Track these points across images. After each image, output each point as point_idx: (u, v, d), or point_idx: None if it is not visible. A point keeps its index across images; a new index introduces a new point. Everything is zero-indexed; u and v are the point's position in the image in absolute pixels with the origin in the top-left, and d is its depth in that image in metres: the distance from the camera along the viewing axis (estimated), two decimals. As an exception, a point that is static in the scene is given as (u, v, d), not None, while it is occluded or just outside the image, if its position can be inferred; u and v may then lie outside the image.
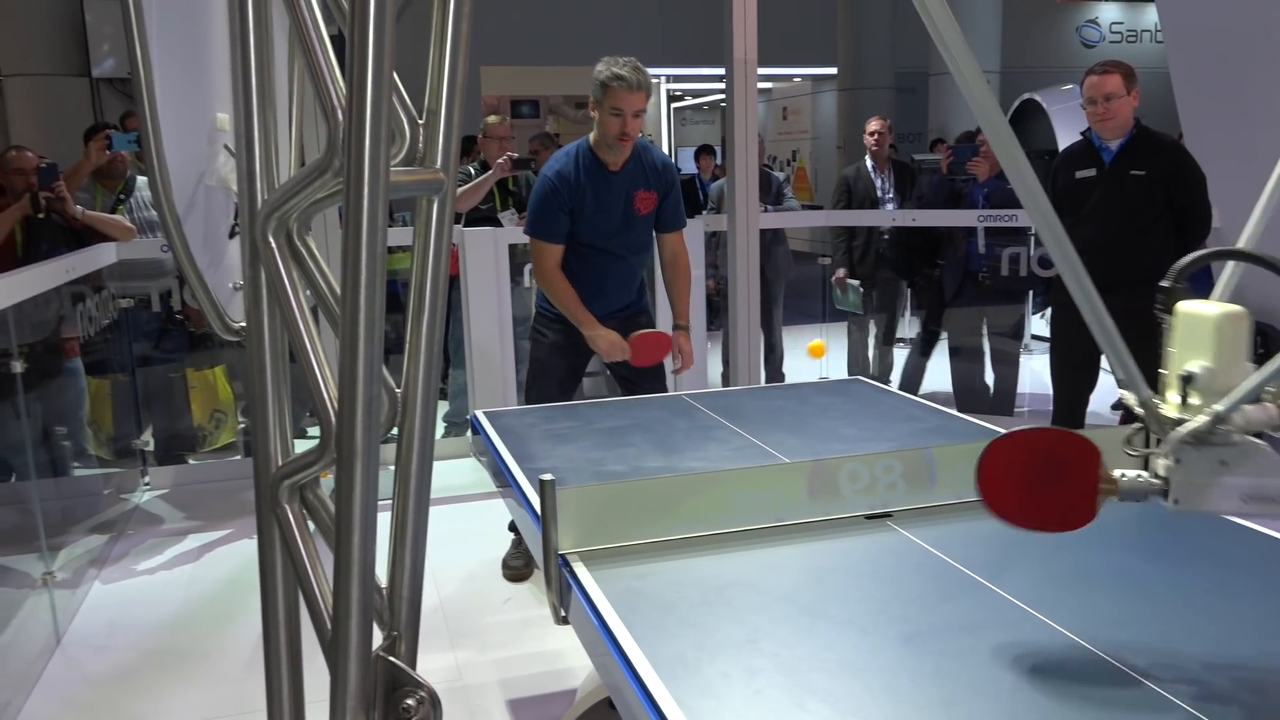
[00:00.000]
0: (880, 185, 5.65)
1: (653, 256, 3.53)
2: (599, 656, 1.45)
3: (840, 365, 5.99)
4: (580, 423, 2.57)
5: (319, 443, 1.01)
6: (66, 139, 7.40)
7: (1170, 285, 1.27)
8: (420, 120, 1.02)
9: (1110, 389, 4.22)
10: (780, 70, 15.68)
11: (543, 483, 1.62)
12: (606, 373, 3.69)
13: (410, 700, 0.95)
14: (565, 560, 1.64)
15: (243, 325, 1.14)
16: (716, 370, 5.65)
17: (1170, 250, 3.69)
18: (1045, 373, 4.12)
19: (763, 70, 4.47)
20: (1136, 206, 3.61)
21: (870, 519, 1.80)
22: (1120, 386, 1.30)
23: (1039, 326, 6.70)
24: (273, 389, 1.07)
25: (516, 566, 3.56)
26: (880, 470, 1.81)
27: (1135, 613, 1.42)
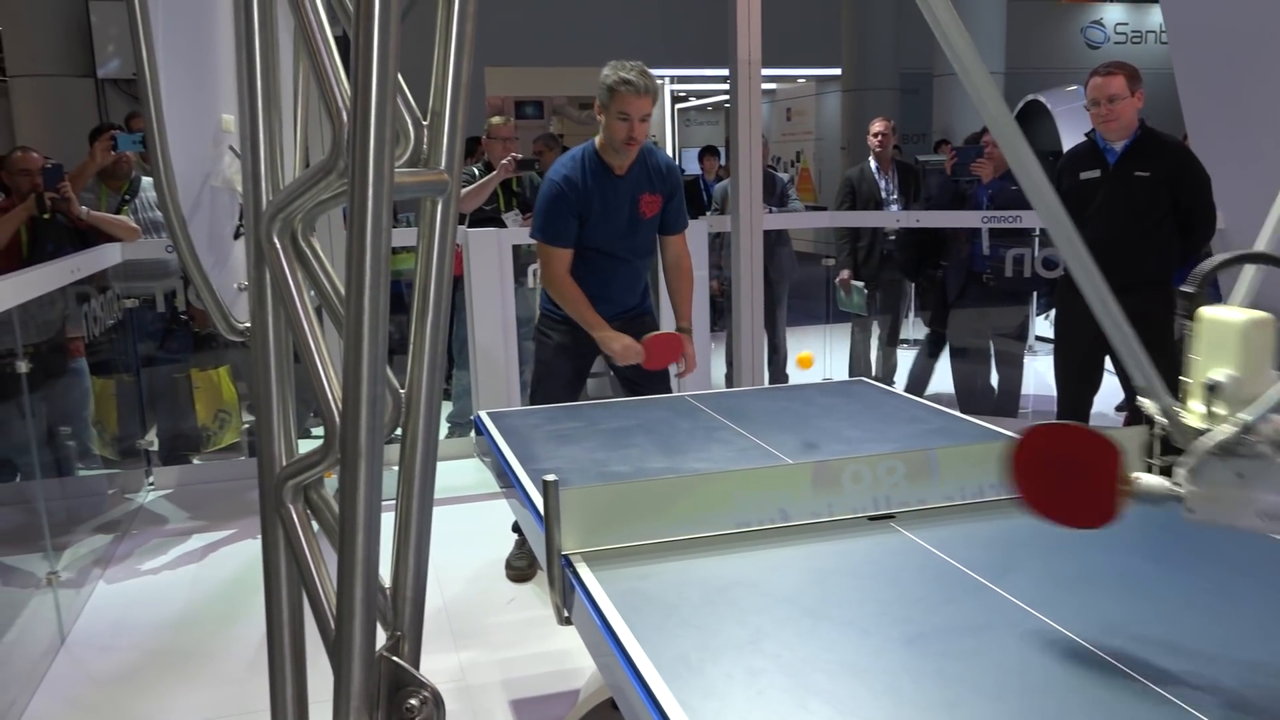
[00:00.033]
0: (884, 186, 5.65)
1: (656, 259, 3.53)
2: (602, 657, 1.45)
3: (843, 366, 5.99)
4: (584, 423, 2.57)
5: (323, 443, 1.01)
6: (72, 140, 7.43)
7: (1193, 290, 1.24)
8: (424, 121, 1.03)
9: (1114, 390, 4.22)
10: (784, 71, 15.67)
11: (546, 483, 1.62)
12: (610, 373, 3.68)
13: (414, 700, 0.95)
14: (568, 561, 1.64)
15: (247, 326, 1.15)
16: (720, 371, 5.65)
17: (1175, 252, 3.68)
18: (1049, 374, 4.11)
19: (767, 71, 4.46)
20: (1141, 208, 3.61)
21: (873, 520, 1.80)
22: (1139, 394, 1.26)
23: (1043, 328, 6.69)
24: (277, 389, 1.07)
25: (520, 567, 3.56)
26: (883, 471, 1.81)
27: (1138, 614, 1.42)
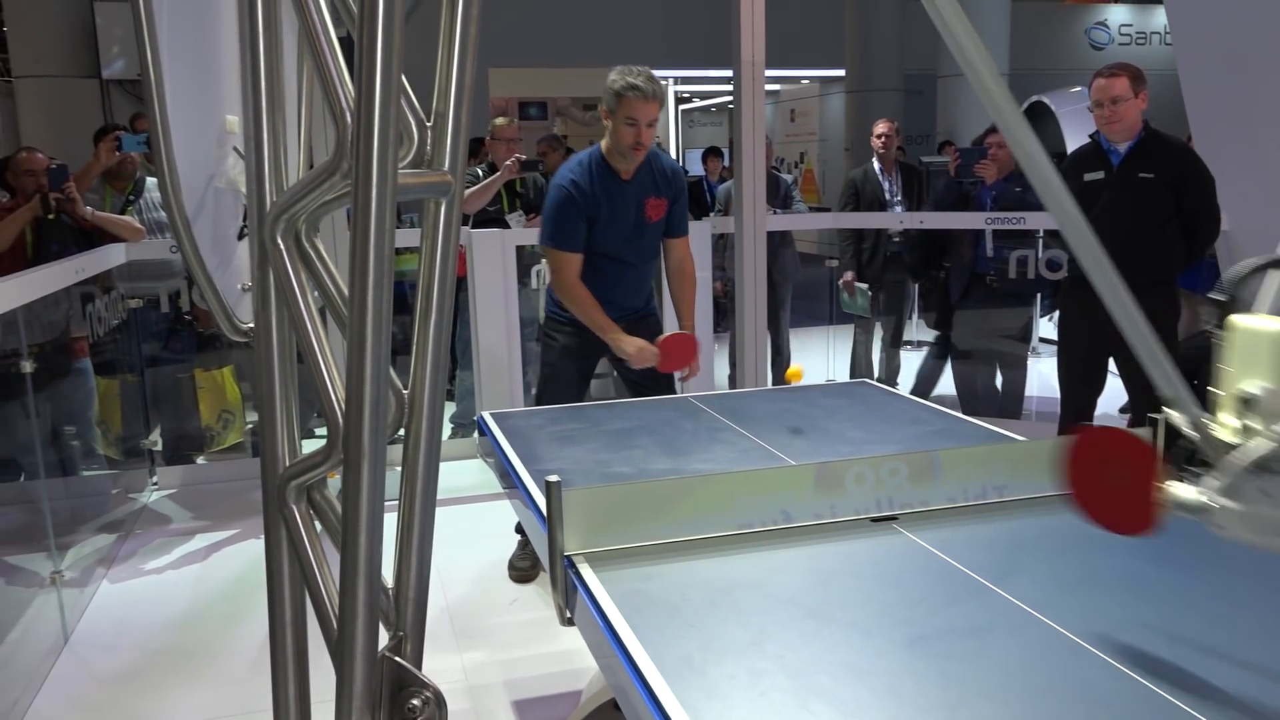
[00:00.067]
0: (888, 188, 5.64)
1: (659, 262, 3.52)
2: (604, 658, 1.45)
3: (846, 368, 5.98)
4: (587, 424, 2.57)
5: (326, 443, 1.01)
6: (76, 140, 7.45)
7: (1225, 297, 1.19)
8: (428, 123, 1.03)
9: (1118, 392, 4.21)
10: (788, 72, 15.66)
11: (549, 484, 1.62)
12: (614, 374, 3.68)
13: (416, 700, 0.95)
14: (571, 561, 1.64)
15: (251, 326, 1.15)
16: (723, 372, 5.65)
17: (1179, 253, 3.68)
18: (1053, 375, 4.11)
19: (770, 72, 4.46)
20: (1145, 209, 3.60)
21: (876, 522, 1.79)
22: (1164, 404, 1.22)
23: (1047, 329, 6.68)
24: (280, 390, 1.07)
25: (523, 568, 3.56)
26: (886, 473, 1.81)
27: (1140, 616, 1.41)
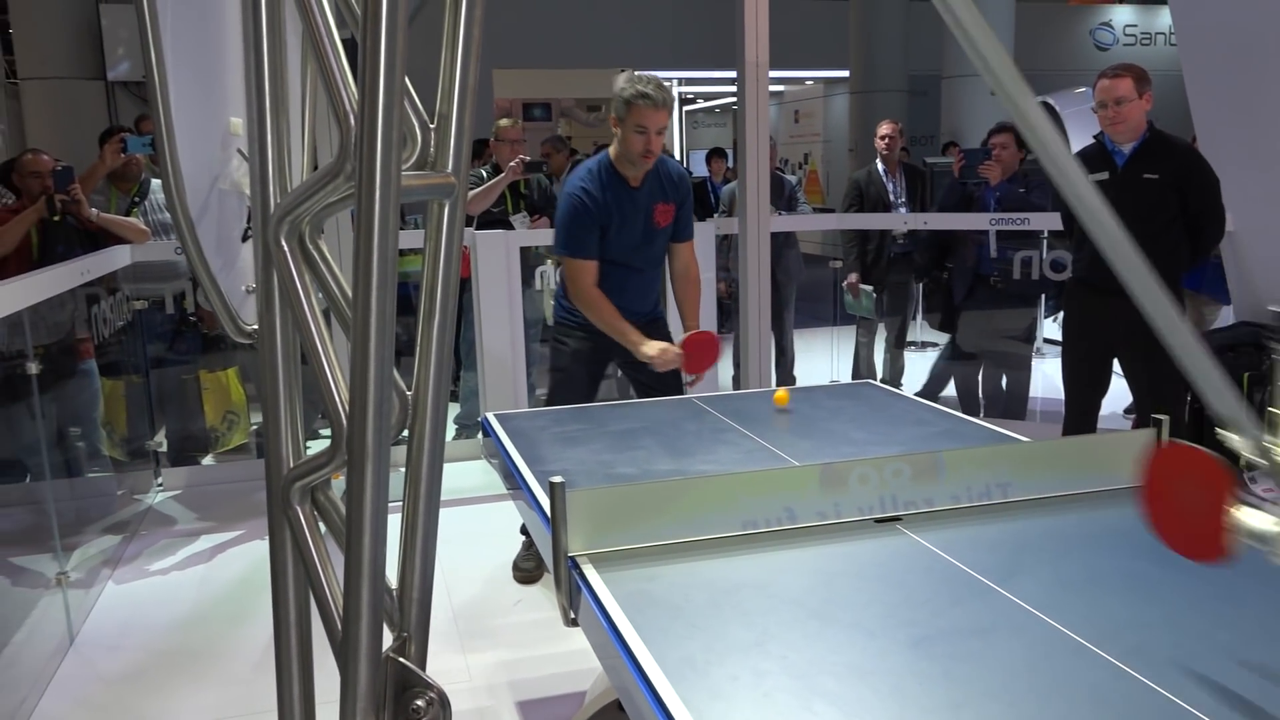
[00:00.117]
0: (892, 189, 5.64)
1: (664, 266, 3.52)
2: (608, 659, 1.46)
3: (849, 369, 5.98)
4: (591, 425, 2.58)
5: (330, 445, 1.02)
6: (82, 142, 7.47)
7: None
8: (432, 124, 1.03)
9: (1122, 393, 4.20)
10: (792, 73, 15.66)
11: (553, 485, 1.63)
12: (618, 374, 3.67)
13: (420, 701, 0.96)
14: (575, 562, 1.65)
15: (255, 328, 1.15)
16: (727, 373, 5.64)
17: (1183, 254, 3.67)
18: (1057, 376, 4.10)
19: (774, 73, 4.46)
20: (1149, 210, 3.59)
21: (879, 522, 1.79)
22: (1219, 426, 1.18)
23: (1051, 330, 6.67)
24: (285, 391, 1.08)
25: (527, 569, 3.57)
26: (890, 474, 1.81)
27: (1144, 617, 1.41)
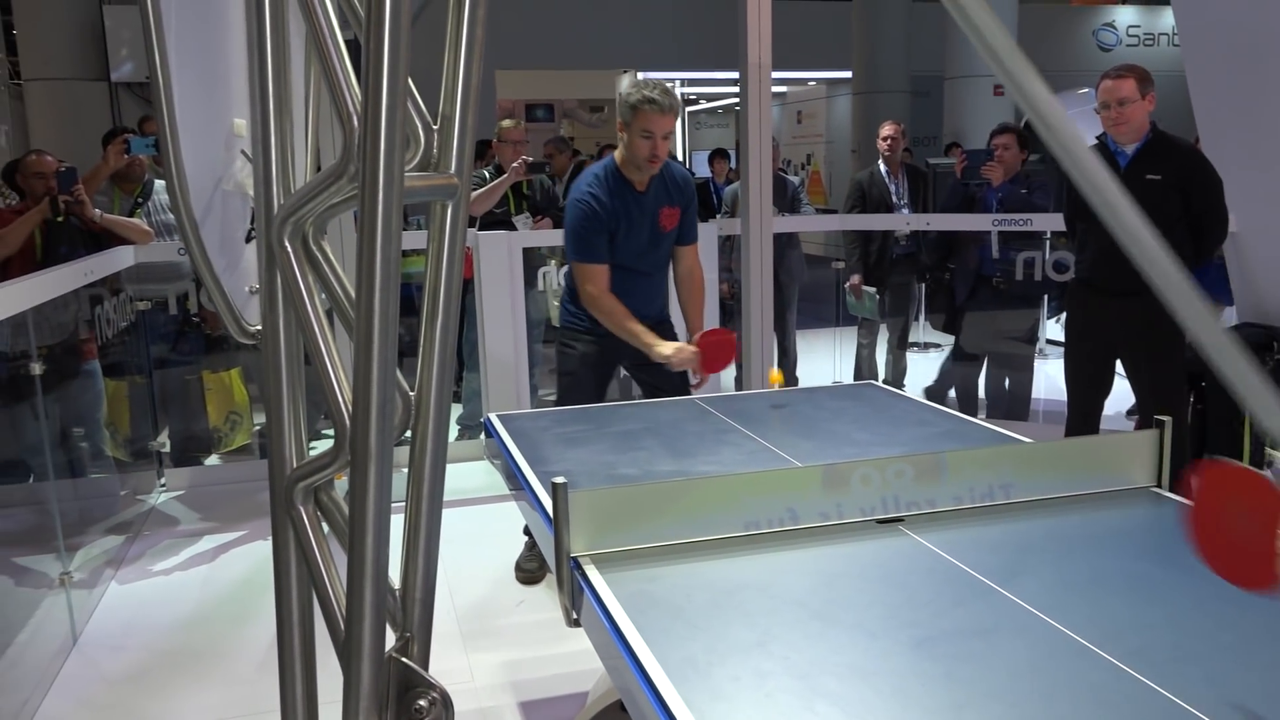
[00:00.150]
0: (894, 190, 5.64)
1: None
2: (610, 659, 1.46)
3: (851, 370, 5.98)
4: (593, 426, 2.58)
5: (333, 445, 1.02)
6: (85, 143, 7.48)
7: None
8: (435, 125, 1.03)
9: (1125, 395, 4.20)
10: (795, 74, 15.66)
11: (555, 486, 1.63)
12: (622, 374, 3.67)
13: (423, 701, 0.96)
14: (577, 563, 1.65)
15: (258, 328, 1.15)
16: (729, 374, 5.64)
17: (1186, 255, 3.67)
18: (1060, 377, 4.10)
19: (777, 74, 4.46)
20: (1152, 211, 3.54)
21: (882, 523, 1.79)
22: (1269, 444, 1.14)
23: (1054, 331, 6.67)
24: (288, 392, 1.08)
25: (530, 569, 3.57)
26: (892, 475, 1.81)
27: (1147, 618, 1.41)
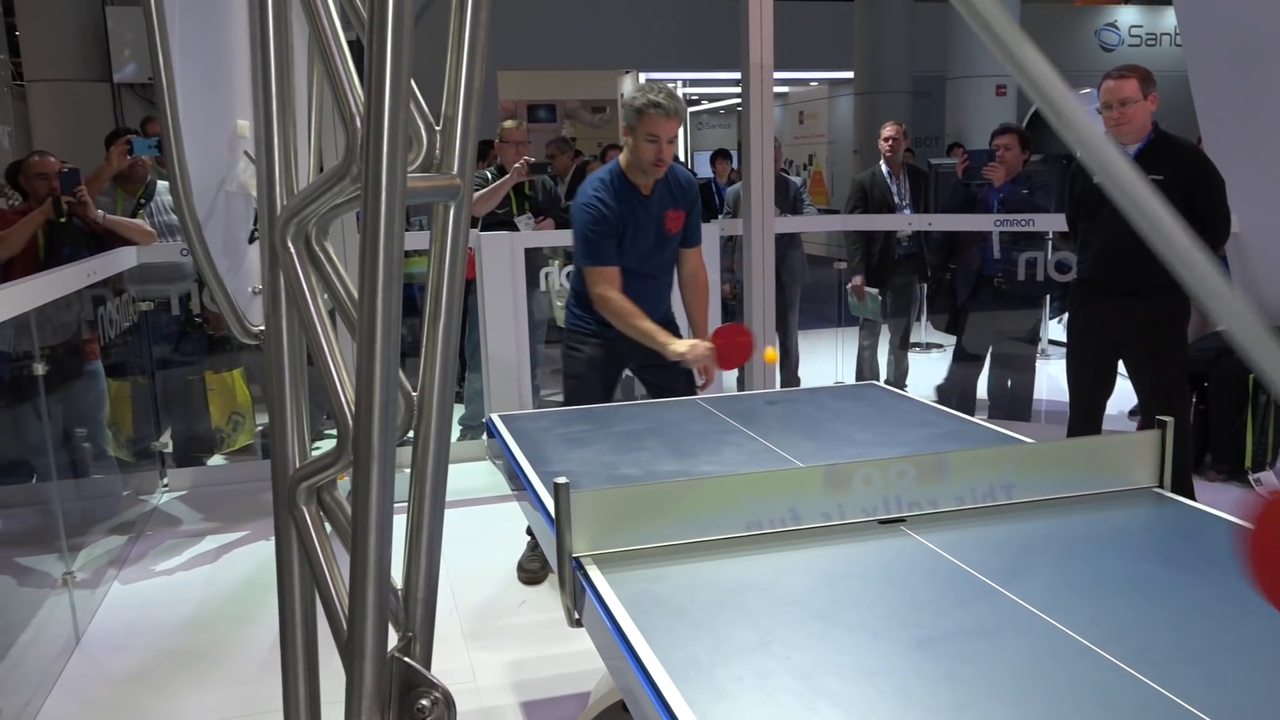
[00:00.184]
0: (896, 190, 5.64)
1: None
2: (612, 659, 1.46)
3: (853, 370, 5.98)
4: (595, 426, 2.58)
5: (336, 445, 1.02)
6: (88, 144, 7.48)
7: None
8: (437, 126, 1.03)
9: (1127, 395, 4.19)
10: (797, 74, 15.67)
11: (557, 486, 1.63)
12: (626, 374, 3.67)
13: (425, 701, 0.96)
14: (579, 563, 1.65)
15: (261, 329, 1.16)
16: (731, 374, 5.64)
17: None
18: (1062, 378, 4.09)
19: (779, 74, 4.46)
20: (1154, 212, 3.59)
21: (884, 524, 1.79)
22: None
23: (1056, 331, 6.66)
24: (291, 392, 1.08)
25: (532, 569, 3.57)
26: (894, 475, 1.81)
27: (1149, 619, 1.41)
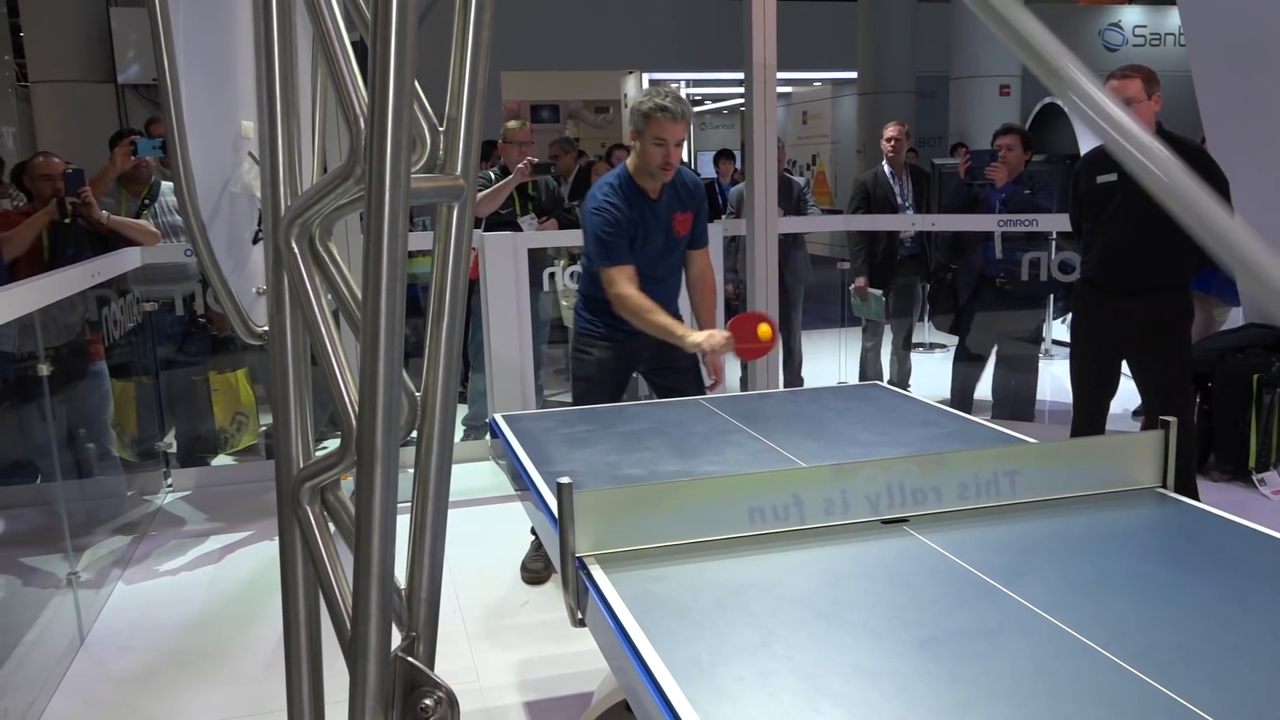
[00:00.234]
0: (898, 191, 5.64)
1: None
2: (615, 659, 1.46)
3: (856, 371, 5.98)
4: (598, 426, 2.58)
5: (339, 445, 1.02)
6: (92, 145, 7.50)
7: None
8: (441, 127, 1.04)
9: (1131, 395, 4.19)
10: (800, 74, 15.66)
11: (560, 486, 1.63)
12: (634, 376, 3.68)
13: (428, 700, 0.96)
14: (582, 563, 1.65)
15: (265, 329, 1.16)
16: (735, 375, 5.65)
17: (1192, 256, 3.66)
18: (1066, 378, 4.09)
19: (782, 74, 4.46)
20: (1158, 212, 3.56)
21: (886, 524, 1.79)
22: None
23: (1060, 331, 6.65)
24: (294, 392, 1.09)
25: (535, 569, 3.58)
26: (897, 475, 1.81)
27: (1152, 619, 1.41)
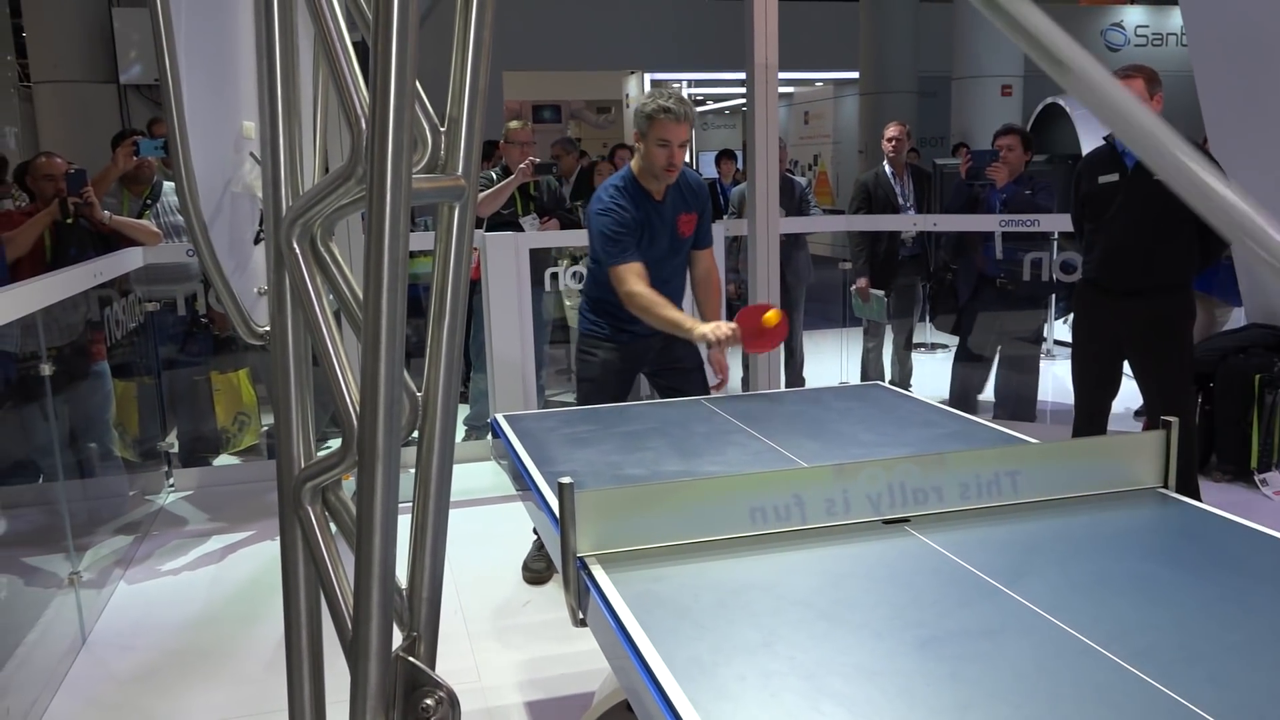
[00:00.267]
0: (899, 191, 5.64)
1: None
2: (616, 659, 1.46)
3: (858, 371, 5.98)
4: (599, 426, 2.58)
5: (341, 445, 1.02)
6: (94, 145, 7.51)
7: None
8: (442, 127, 1.04)
9: (1132, 395, 4.19)
10: (802, 74, 15.66)
11: (561, 486, 1.63)
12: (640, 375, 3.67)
13: (429, 700, 0.96)
14: (583, 563, 1.65)
15: (267, 329, 1.16)
16: (736, 375, 5.65)
17: (1193, 256, 3.66)
18: (1067, 378, 4.09)
19: (784, 74, 4.46)
20: (1159, 212, 3.58)
21: (888, 524, 1.79)
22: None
23: (1061, 331, 6.65)
24: (296, 392, 1.09)
25: (537, 569, 3.58)
26: (898, 475, 1.81)
27: (1153, 619, 1.41)
